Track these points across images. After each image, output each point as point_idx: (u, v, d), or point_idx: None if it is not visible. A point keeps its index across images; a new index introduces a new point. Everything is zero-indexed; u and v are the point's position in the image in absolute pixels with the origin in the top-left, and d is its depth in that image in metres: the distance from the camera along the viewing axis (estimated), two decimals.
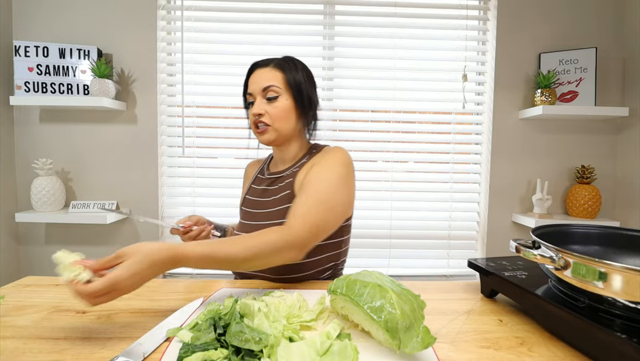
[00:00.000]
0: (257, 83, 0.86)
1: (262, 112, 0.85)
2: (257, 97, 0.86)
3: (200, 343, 0.48)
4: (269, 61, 0.89)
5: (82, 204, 1.51)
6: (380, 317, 0.48)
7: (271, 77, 0.86)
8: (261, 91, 0.86)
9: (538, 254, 0.56)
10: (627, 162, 1.57)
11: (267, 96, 0.86)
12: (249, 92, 0.88)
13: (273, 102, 0.86)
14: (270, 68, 0.87)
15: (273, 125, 0.86)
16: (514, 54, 1.60)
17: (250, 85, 0.88)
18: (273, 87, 0.85)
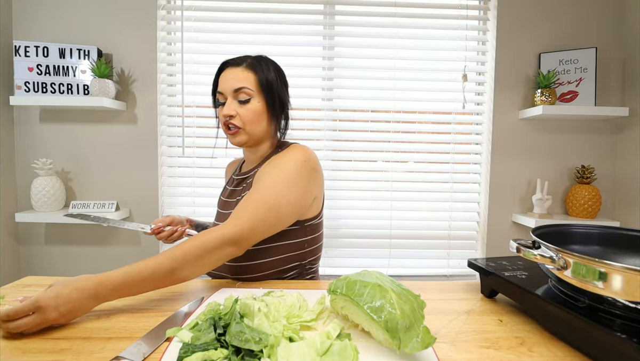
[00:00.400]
0: (228, 83, 0.84)
1: (234, 114, 0.83)
2: (229, 98, 0.84)
3: (200, 343, 0.48)
4: (241, 60, 0.86)
5: (82, 204, 1.51)
6: (380, 317, 0.48)
7: (243, 78, 0.83)
8: (232, 91, 0.83)
9: (538, 254, 0.56)
10: (627, 162, 1.57)
11: (239, 98, 0.83)
12: (219, 92, 0.85)
13: (245, 104, 0.84)
14: (243, 68, 0.84)
15: (244, 127, 0.84)
16: (514, 54, 1.60)
17: (220, 84, 0.85)
18: (245, 89, 0.83)
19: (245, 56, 0.88)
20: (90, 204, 1.51)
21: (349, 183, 1.65)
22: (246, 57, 0.88)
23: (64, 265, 1.60)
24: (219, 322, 0.52)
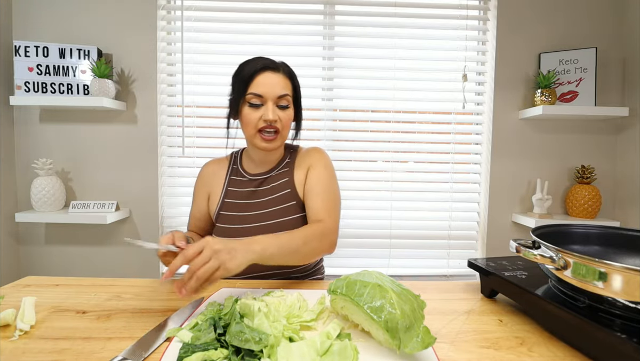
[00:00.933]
0: (271, 88, 0.84)
1: (277, 119, 0.85)
2: (269, 102, 0.84)
3: (200, 343, 0.48)
4: (275, 64, 0.87)
5: (82, 204, 1.51)
6: (380, 317, 0.48)
7: (285, 86, 0.86)
8: (276, 97, 0.85)
9: (538, 254, 0.56)
10: (627, 162, 1.57)
11: (280, 104, 0.86)
12: (259, 94, 0.84)
13: (284, 110, 0.86)
14: (282, 75, 0.87)
15: (282, 132, 0.87)
16: (514, 54, 1.60)
17: (261, 86, 0.84)
18: (288, 97, 0.86)
19: (275, 61, 0.88)
20: (90, 204, 1.51)
21: (349, 182, 1.65)
22: (276, 62, 0.88)
23: (64, 265, 1.60)
24: (219, 322, 0.52)
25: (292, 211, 0.89)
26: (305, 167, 0.93)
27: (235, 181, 0.96)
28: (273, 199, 0.90)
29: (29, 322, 0.56)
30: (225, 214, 0.92)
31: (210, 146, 1.63)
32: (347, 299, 0.54)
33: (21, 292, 0.71)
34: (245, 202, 0.92)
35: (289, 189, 0.91)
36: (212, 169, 1.01)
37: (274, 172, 0.94)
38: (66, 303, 0.66)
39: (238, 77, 0.89)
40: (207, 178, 1.00)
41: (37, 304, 0.61)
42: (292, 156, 0.97)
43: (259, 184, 0.93)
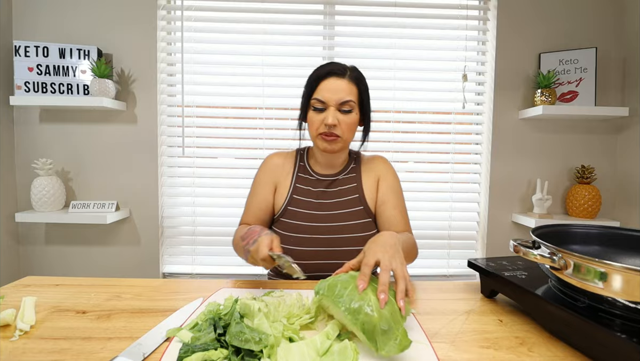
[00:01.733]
0: (334, 94, 0.86)
1: (337, 124, 0.86)
2: (331, 108, 0.87)
3: (200, 343, 0.48)
4: (343, 69, 0.89)
5: (82, 204, 1.51)
6: (357, 319, 0.48)
7: (349, 91, 0.87)
8: (338, 103, 0.86)
9: (538, 254, 0.56)
10: (627, 162, 1.57)
11: (342, 109, 0.87)
12: (322, 100, 0.87)
13: (347, 115, 0.88)
14: (348, 81, 0.88)
15: (343, 136, 0.88)
16: (514, 54, 1.60)
17: (324, 92, 0.87)
18: (350, 102, 0.87)
19: (344, 66, 0.90)
20: (90, 204, 1.51)
21: None
22: (345, 67, 0.90)
23: (64, 265, 1.60)
24: (218, 322, 0.52)
25: (359, 215, 0.92)
26: (374, 177, 0.97)
27: (303, 179, 0.96)
28: (341, 202, 0.93)
29: (29, 322, 0.56)
30: (293, 210, 0.93)
31: (210, 146, 1.63)
32: (329, 300, 0.54)
33: (21, 292, 0.71)
34: (315, 201, 0.93)
35: (357, 195, 0.94)
36: (279, 161, 1.00)
37: (340, 175, 0.97)
38: (66, 303, 0.66)
39: (308, 81, 0.92)
40: (275, 170, 0.99)
41: (37, 304, 0.61)
42: (357, 162, 1.00)
43: (327, 185, 0.95)
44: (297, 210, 0.93)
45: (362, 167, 0.99)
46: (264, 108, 1.62)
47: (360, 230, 0.91)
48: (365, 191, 0.95)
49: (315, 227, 0.90)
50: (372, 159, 1.01)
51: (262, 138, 1.62)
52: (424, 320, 0.61)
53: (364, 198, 0.94)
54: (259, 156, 1.63)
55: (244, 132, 1.63)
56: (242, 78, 1.62)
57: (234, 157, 1.66)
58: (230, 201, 1.64)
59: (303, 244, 0.89)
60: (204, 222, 1.64)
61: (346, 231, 0.90)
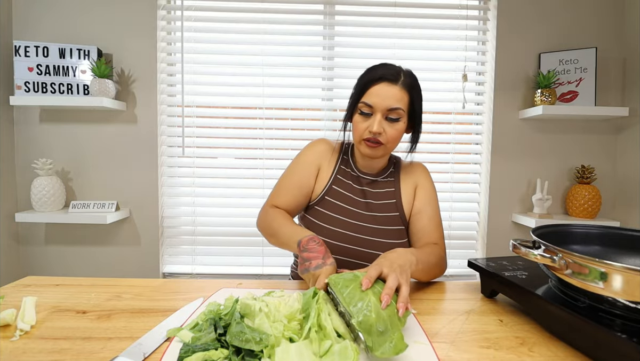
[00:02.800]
0: (383, 100, 0.82)
1: (382, 132, 0.83)
2: (378, 114, 0.82)
3: (201, 343, 0.48)
4: (396, 74, 0.83)
5: (82, 204, 1.51)
6: (355, 316, 0.49)
7: (399, 99, 0.82)
8: (386, 110, 0.82)
9: (538, 254, 0.56)
10: (627, 162, 1.57)
11: (389, 116, 0.83)
12: (369, 104, 0.82)
13: (394, 123, 0.84)
14: (400, 88, 0.83)
15: (387, 145, 0.85)
16: (514, 54, 1.60)
17: (373, 97, 0.82)
18: (399, 110, 0.83)
19: (398, 70, 0.84)
20: (90, 204, 1.51)
21: None
22: (399, 71, 0.84)
23: (64, 265, 1.60)
24: (219, 322, 0.52)
25: (394, 221, 0.90)
26: (412, 184, 0.94)
27: (344, 172, 0.94)
28: (379, 205, 0.91)
29: (29, 322, 0.56)
30: (330, 201, 0.90)
31: (210, 146, 1.63)
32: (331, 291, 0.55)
33: (21, 292, 0.70)
34: (352, 196, 0.91)
35: (395, 200, 0.92)
36: (327, 147, 0.97)
37: (380, 177, 0.94)
38: (66, 303, 0.66)
39: (358, 82, 0.87)
40: (322, 153, 0.96)
41: (37, 304, 0.61)
42: (396, 167, 0.97)
43: (367, 184, 0.93)
44: (334, 202, 0.90)
45: (402, 173, 0.96)
46: (264, 108, 1.62)
47: (392, 236, 0.88)
48: (403, 198, 0.92)
49: (348, 223, 0.88)
50: (412, 166, 0.98)
51: (262, 138, 1.62)
52: (424, 320, 0.61)
53: (401, 204, 0.92)
54: (259, 156, 1.63)
55: (244, 132, 1.63)
56: (242, 78, 1.62)
57: (234, 157, 1.66)
58: (230, 201, 1.64)
59: (333, 237, 0.86)
60: (204, 222, 1.64)
61: (378, 235, 0.87)
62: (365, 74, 0.86)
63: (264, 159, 1.62)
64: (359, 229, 0.87)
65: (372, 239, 0.87)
